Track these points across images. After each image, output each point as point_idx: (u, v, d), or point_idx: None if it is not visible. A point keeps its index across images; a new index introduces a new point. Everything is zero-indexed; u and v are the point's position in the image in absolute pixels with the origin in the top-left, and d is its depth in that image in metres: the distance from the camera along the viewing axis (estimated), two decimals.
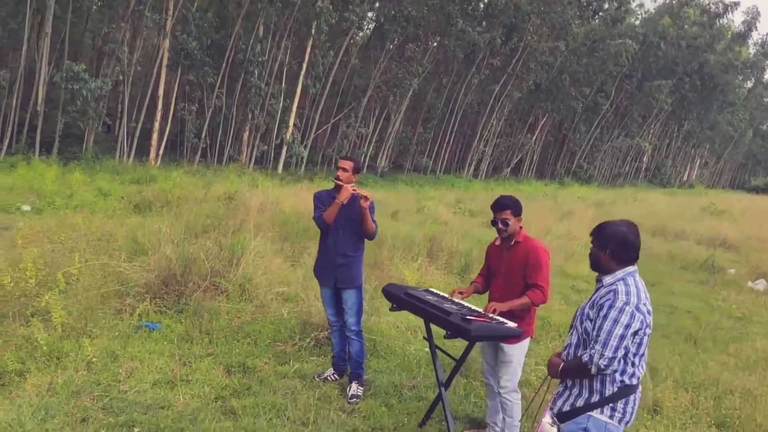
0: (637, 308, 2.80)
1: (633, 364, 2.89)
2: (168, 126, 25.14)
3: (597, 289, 2.99)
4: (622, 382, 2.88)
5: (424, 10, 31.26)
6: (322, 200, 4.96)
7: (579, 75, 41.22)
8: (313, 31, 27.73)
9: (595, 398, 2.90)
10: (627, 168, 55.21)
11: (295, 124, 29.03)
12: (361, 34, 30.25)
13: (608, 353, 2.77)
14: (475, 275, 4.64)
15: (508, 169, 43.98)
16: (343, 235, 4.91)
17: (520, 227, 4.18)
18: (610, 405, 2.89)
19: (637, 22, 48.35)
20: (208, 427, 3.98)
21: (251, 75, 26.46)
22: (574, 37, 38.50)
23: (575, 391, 2.98)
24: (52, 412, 3.90)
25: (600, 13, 42.10)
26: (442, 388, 4.07)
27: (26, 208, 11.81)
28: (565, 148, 48.77)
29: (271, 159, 29.18)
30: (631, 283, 2.89)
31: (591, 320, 2.89)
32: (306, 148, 29.89)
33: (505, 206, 4.15)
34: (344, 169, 4.83)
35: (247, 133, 28.23)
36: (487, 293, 4.37)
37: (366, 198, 4.65)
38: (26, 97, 22.55)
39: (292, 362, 5.32)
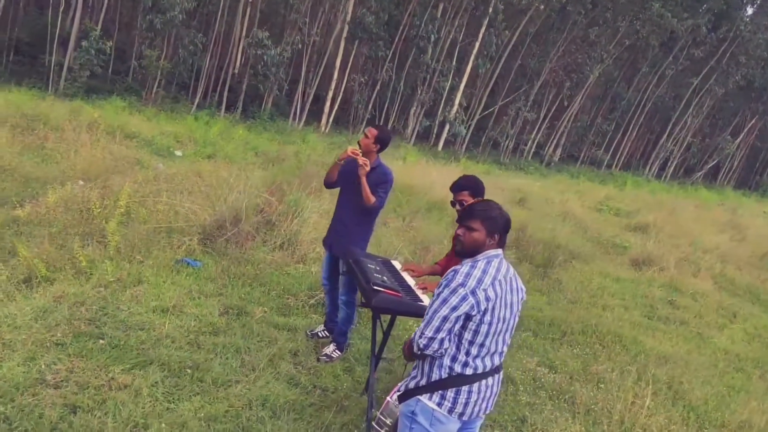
0: (473, 292, 2.61)
1: (467, 353, 2.70)
2: (340, 95, 26.56)
3: None
4: (451, 368, 2.71)
5: None
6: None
7: None
8: (490, 9, 27.26)
9: (423, 381, 2.78)
10: None
11: (460, 104, 28.98)
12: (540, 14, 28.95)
13: (428, 333, 2.63)
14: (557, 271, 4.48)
15: (701, 174, 39.72)
16: (344, 202, 4.93)
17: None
18: (440, 392, 2.73)
19: None
20: (164, 353, 4.37)
21: (422, 51, 26.87)
22: None
23: (414, 372, 2.87)
24: (45, 314, 4.55)
25: None
26: (373, 358, 4.05)
27: (178, 153, 13.39)
28: None
29: (434, 136, 29.51)
30: (480, 266, 2.69)
31: None
32: (469, 129, 29.74)
33: (463, 187, 3.97)
34: (366, 136, 4.70)
35: (414, 107, 28.81)
36: None
37: (362, 166, 4.57)
38: (222, 59, 25.26)
39: (291, 315, 5.58)
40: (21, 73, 22.24)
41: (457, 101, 28.97)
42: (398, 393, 2.95)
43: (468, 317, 2.64)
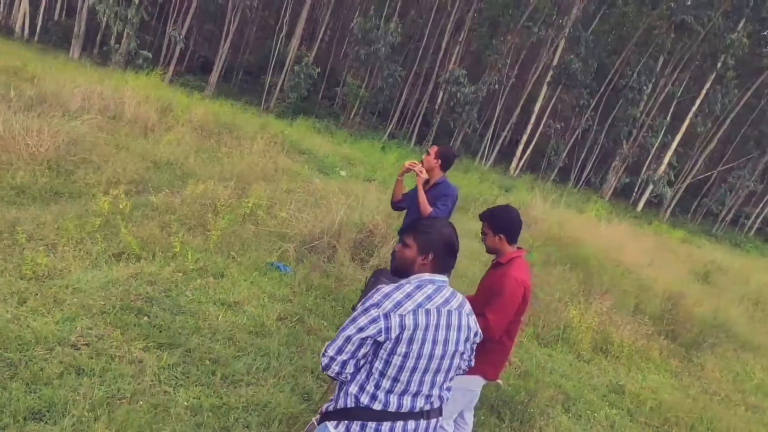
0: (386, 315, 2.20)
1: (376, 385, 2.28)
2: (534, 141, 25.88)
3: None
4: (357, 398, 2.31)
5: None
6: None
7: None
8: (718, 64, 24.70)
9: (332, 407, 2.41)
10: None
11: (670, 163, 26.49)
12: None
13: (330, 352, 2.28)
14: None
15: None
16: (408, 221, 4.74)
17: (513, 247, 3.44)
18: (345, 422, 2.34)
19: None
20: (194, 341, 4.41)
21: (631, 103, 25.16)
22: None
23: (334, 395, 2.50)
24: (110, 285, 4.84)
25: None
26: None
27: (343, 173, 13.95)
28: None
29: (634, 194, 27.31)
30: (405, 289, 2.29)
31: None
32: (676, 192, 27.01)
33: (484, 218, 3.52)
34: (428, 153, 4.68)
35: (614, 162, 27.00)
36: None
37: (417, 173, 4.50)
38: (421, 93, 26.11)
39: None
40: (245, 91, 25.20)
41: (666, 160, 26.58)
42: (318, 416, 2.60)
43: (378, 343, 2.24)
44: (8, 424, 3.05)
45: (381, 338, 2.22)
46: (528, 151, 25.65)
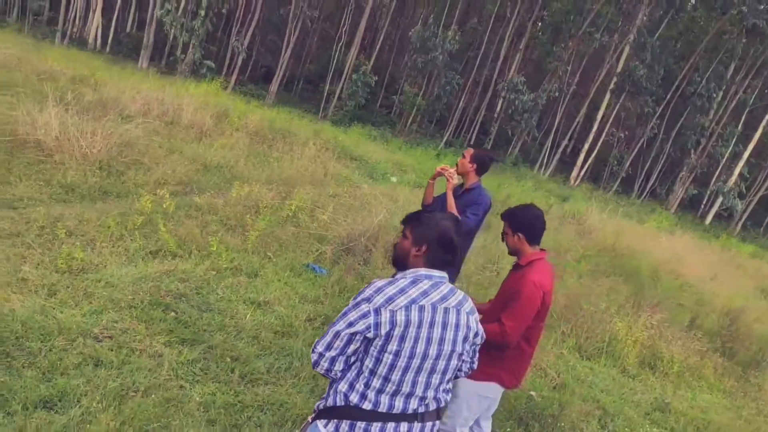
0: (376, 310, 2.10)
1: (366, 384, 2.18)
2: (596, 150, 25.13)
3: None
4: (346, 396, 2.21)
5: None
6: None
7: None
8: None
9: (322, 405, 2.32)
10: None
11: (741, 174, 25.17)
12: None
13: (319, 347, 2.20)
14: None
15: None
16: None
17: (534, 248, 3.26)
18: (334, 421, 2.25)
19: None
20: (218, 338, 4.41)
21: (699, 111, 24.09)
22: None
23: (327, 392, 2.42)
24: (142, 280, 4.92)
25: None
26: None
27: (393, 179, 13.90)
28: None
29: (702, 207, 26.08)
30: (399, 284, 2.19)
31: None
32: (748, 204, 25.61)
33: (504, 217, 3.35)
34: (463, 156, 4.53)
35: (681, 172, 25.89)
36: None
37: (448, 177, 4.36)
38: (480, 100, 25.82)
39: None
40: (305, 99, 25.60)
41: (737, 171, 25.29)
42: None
43: (368, 340, 2.15)
44: (17, 411, 3.10)
45: (370, 334, 2.12)
46: (590, 161, 24.89)
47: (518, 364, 3.28)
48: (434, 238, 2.25)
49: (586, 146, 24.57)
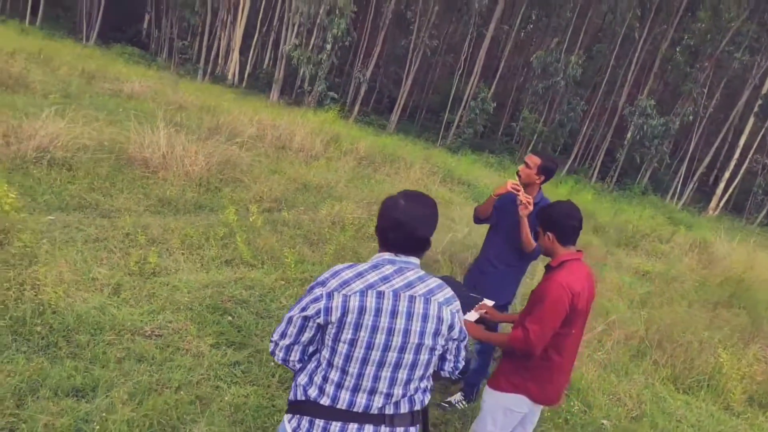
0: (329, 294, 1.96)
1: (324, 376, 2.02)
2: (738, 177, 22.89)
3: None
4: (305, 390, 2.07)
5: None
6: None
7: None
8: None
9: (289, 397, 2.19)
10: None
11: None
12: None
13: (274, 335, 2.10)
14: None
15: None
16: (496, 241, 4.23)
17: (568, 248, 2.93)
18: (297, 415, 2.10)
19: None
20: (267, 345, 4.40)
21: None
22: None
23: None
24: (208, 286, 5.06)
25: None
26: None
27: None
28: None
29: None
30: (357, 268, 2.05)
31: None
32: None
33: (537, 216, 3.07)
34: (528, 165, 3.96)
35: None
36: None
37: (525, 205, 3.78)
38: (606, 125, 24.55)
39: None
40: (426, 128, 25.82)
41: None
42: None
43: (321, 327, 2.00)
44: (46, 395, 3.23)
45: (320, 320, 1.98)
46: (730, 190, 22.69)
47: (548, 377, 2.92)
48: (387, 221, 2.08)
49: (727, 174, 22.42)
